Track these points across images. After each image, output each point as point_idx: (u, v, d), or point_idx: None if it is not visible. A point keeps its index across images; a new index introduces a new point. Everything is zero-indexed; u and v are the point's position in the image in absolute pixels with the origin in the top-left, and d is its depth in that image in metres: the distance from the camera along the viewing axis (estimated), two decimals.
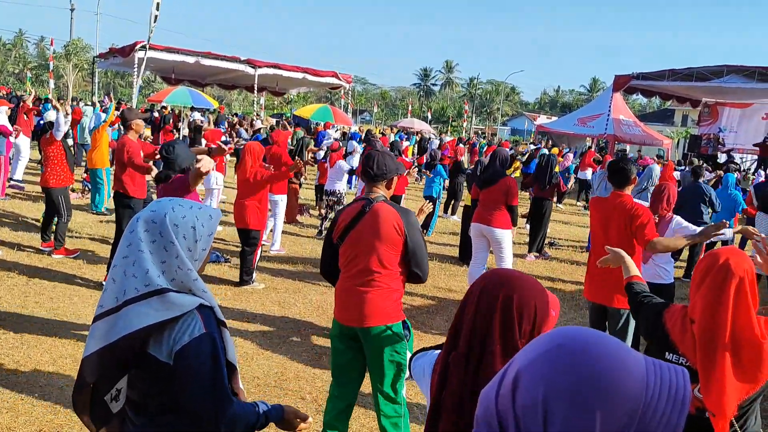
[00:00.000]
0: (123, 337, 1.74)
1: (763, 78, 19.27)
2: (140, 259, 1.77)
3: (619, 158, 4.99)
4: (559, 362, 0.86)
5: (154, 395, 1.83)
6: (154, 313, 1.74)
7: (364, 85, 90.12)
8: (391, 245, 3.33)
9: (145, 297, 1.75)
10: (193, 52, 23.32)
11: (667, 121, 49.52)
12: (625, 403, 0.83)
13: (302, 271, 8.01)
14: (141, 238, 1.80)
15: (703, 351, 2.27)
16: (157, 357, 1.77)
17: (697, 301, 2.33)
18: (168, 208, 1.84)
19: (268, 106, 44.14)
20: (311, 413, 4.29)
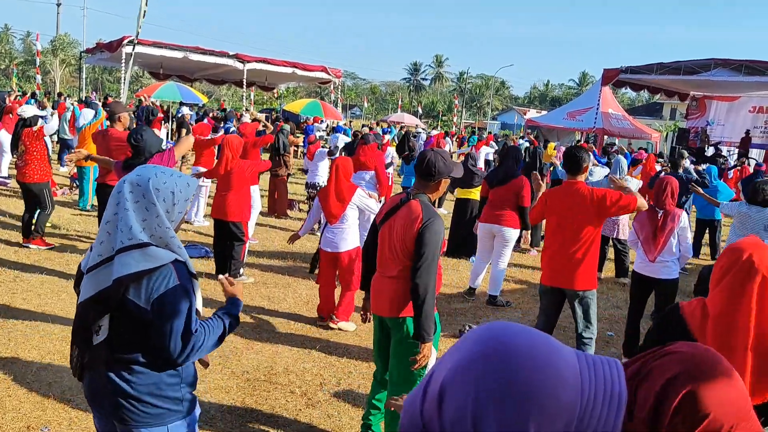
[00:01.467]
0: (114, 280, 2.04)
1: (750, 71, 19.40)
2: (126, 217, 2.07)
3: (574, 147, 5.10)
4: (486, 373, 0.79)
5: (129, 333, 2.12)
6: (135, 263, 2.04)
7: (354, 79, 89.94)
8: (407, 243, 3.37)
9: (129, 249, 2.06)
10: (181, 47, 23.17)
11: (655, 115, 49.76)
12: (561, 413, 0.78)
13: (292, 266, 8.00)
14: (127, 198, 2.09)
15: (720, 348, 2.11)
16: (136, 302, 2.06)
17: (716, 297, 2.22)
18: (152, 174, 2.14)
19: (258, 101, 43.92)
20: (301, 407, 4.30)
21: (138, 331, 2.11)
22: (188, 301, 2.12)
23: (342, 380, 4.78)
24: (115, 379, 2.13)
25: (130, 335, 2.11)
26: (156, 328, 2.08)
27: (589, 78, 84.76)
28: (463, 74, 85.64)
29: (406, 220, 3.37)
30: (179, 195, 2.17)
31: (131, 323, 2.10)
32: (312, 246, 9.18)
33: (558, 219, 4.75)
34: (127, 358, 2.13)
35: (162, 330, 2.07)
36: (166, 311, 2.07)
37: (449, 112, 59.25)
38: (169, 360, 2.12)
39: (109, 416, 2.19)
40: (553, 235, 4.80)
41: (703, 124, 24.92)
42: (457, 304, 6.97)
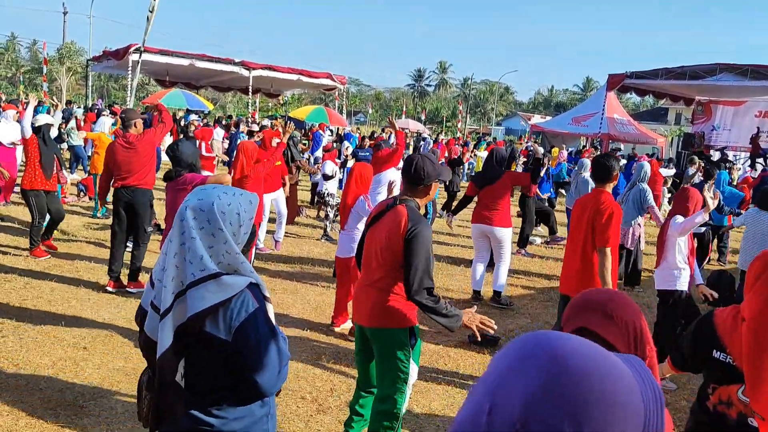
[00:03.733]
0: (190, 317, 1.90)
1: (756, 76, 19.35)
2: (194, 246, 1.92)
3: (603, 154, 5.01)
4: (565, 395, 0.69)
5: (211, 374, 1.98)
6: (211, 295, 1.90)
7: (358, 86, 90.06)
8: (393, 249, 3.27)
9: (202, 281, 1.91)
10: (187, 54, 23.30)
11: (660, 120, 49.71)
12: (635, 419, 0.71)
13: (300, 272, 8.01)
14: (192, 225, 1.93)
15: (752, 352, 2.18)
16: (216, 335, 1.91)
17: (751, 299, 2.25)
18: (214, 197, 1.97)
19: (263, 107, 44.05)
20: (312, 413, 4.30)
21: (219, 365, 1.97)
22: (270, 325, 2.00)
23: (352, 387, 4.75)
24: (205, 418, 1.99)
25: (210, 370, 1.97)
26: (243, 357, 1.93)
27: (593, 83, 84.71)
28: (467, 80, 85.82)
29: (392, 225, 3.27)
30: (244, 215, 2.01)
31: (210, 358, 1.96)
32: (319, 252, 9.20)
33: (577, 227, 4.68)
34: (213, 397, 2.00)
35: (250, 358, 1.93)
36: (250, 338, 1.93)
37: (453, 118, 59.27)
38: (262, 391, 1.97)
39: None
40: (571, 243, 4.77)
41: (709, 129, 24.86)
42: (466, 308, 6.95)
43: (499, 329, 6.31)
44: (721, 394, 2.34)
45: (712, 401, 2.37)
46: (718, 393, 2.35)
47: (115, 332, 5.46)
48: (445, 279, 8.21)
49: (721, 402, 2.34)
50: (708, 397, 2.39)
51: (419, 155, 3.44)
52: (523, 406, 0.68)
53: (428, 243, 3.25)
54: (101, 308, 6.06)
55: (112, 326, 5.60)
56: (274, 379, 1.97)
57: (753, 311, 2.22)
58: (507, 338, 6.12)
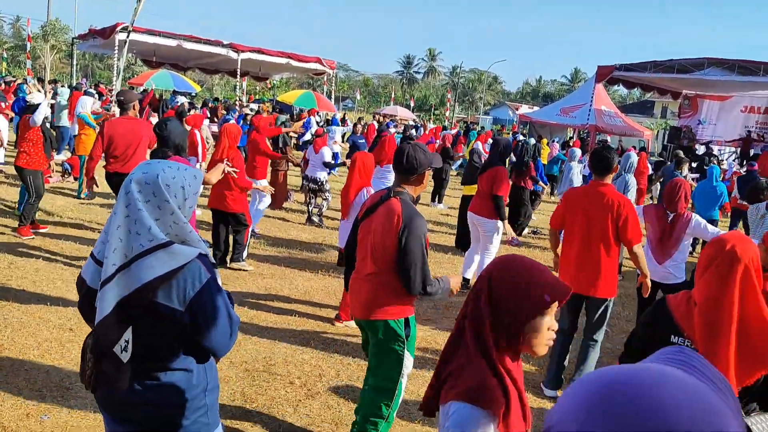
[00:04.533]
0: (137, 289, 1.92)
1: (743, 71, 19.52)
2: (141, 218, 1.95)
3: (602, 147, 4.97)
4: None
5: (166, 342, 2.02)
6: (161, 264, 1.93)
7: (347, 71, 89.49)
8: (387, 242, 3.25)
9: (151, 251, 1.94)
10: (175, 35, 22.98)
11: (646, 113, 49.99)
12: None
13: (288, 257, 7.99)
14: (137, 198, 1.96)
15: (706, 334, 2.28)
16: (168, 305, 1.96)
17: (702, 285, 2.35)
18: (159, 170, 2.02)
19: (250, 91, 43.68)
20: (301, 398, 4.30)
21: (172, 336, 2.01)
22: (221, 292, 2.07)
23: (341, 372, 4.79)
24: (144, 391, 2.04)
25: (160, 343, 2.02)
26: (199, 327, 2.00)
27: (581, 74, 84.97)
28: (456, 68, 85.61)
29: (385, 218, 3.25)
30: (189, 189, 2.06)
31: (163, 329, 1.99)
32: (307, 237, 9.17)
33: (578, 222, 4.54)
34: (157, 365, 2.04)
35: (207, 327, 2.00)
36: (207, 308, 2.00)
37: (442, 106, 59.22)
38: (215, 356, 2.11)
39: (138, 426, 2.10)
40: (572, 238, 4.59)
41: (695, 123, 25.07)
42: (453, 297, 6.98)
43: None
44: None
45: None
46: None
47: None
48: (434, 267, 8.23)
49: None
50: None
51: (409, 144, 3.40)
52: None
53: (423, 237, 3.23)
54: None
55: None
56: (227, 342, 2.07)
57: (704, 296, 2.32)
58: None
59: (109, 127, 6.67)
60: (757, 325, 2.26)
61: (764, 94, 23.11)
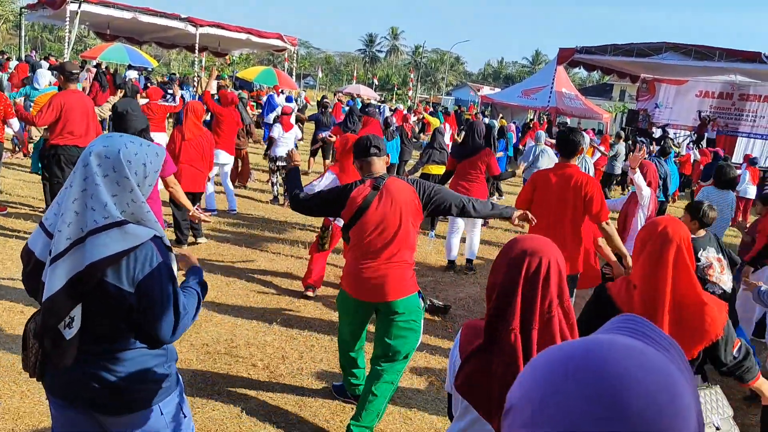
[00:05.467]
0: (89, 265, 1.84)
1: (699, 56, 19.91)
2: (97, 192, 1.86)
3: (569, 130, 5.06)
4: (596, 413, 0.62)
5: (111, 321, 1.95)
6: (114, 243, 1.86)
7: (308, 48, 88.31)
8: (414, 217, 3.46)
9: (105, 228, 1.86)
10: (130, 7, 22.17)
11: (605, 96, 50.78)
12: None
13: (250, 237, 7.85)
14: (95, 172, 1.87)
15: (645, 313, 2.34)
16: (116, 285, 1.89)
17: (638, 267, 2.44)
18: (121, 145, 1.93)
19: (208, 67, 42.70)
20: (263, 380, 4.23)
21: (118, 316, 1.95)
22: (173, 279, 2.00)
23: (304, 354, 4.73)
24: (96, 371, 1.98)
25: (108, 322, 1.96)
26: (144, 311, 1.93)
27: (542, 56, 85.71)
28: (418, 48, 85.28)
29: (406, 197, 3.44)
30: (150, 167, 1.98)
31: (109, 309, 1.93)
32: (270, 215, 9.03)
33: (547, 202, 4.63)
34: (107, 347, 1.98)
35: (152, 312, 1.93)
36: (155, 293, 1.93)
37: (404, 86, 59.01)
38: (160, 342, 2.00)
39: (88, 408, 2.03)
40: (542, 218, 4.58)
41: (653, 106, 25.55)
42: (420, 278, 6.98)
43: (450, 298, 6.38)
44: None
45: None
46: None
47: None
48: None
49: None
50: None
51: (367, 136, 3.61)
52: None
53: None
54: None
55: None
56: (170, 332, 1.97)
57: (641, 278, 2.42)
58: (457, 306, 6.17)
59: (61, 98, 6.39)
60: (691, 301, 2.35)
61: (719, 79, 23.68)
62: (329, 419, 3.86)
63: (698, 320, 2.34)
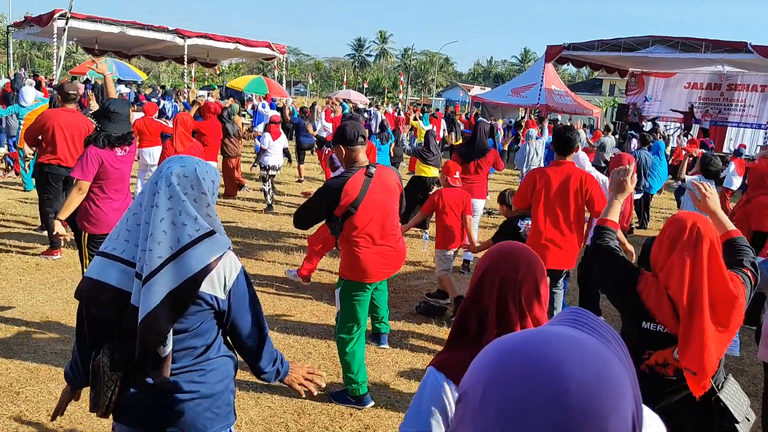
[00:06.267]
0: (187, 279, 1.91)
1: (686, 48, 20.01)
2: (186, 208, 1.96)
3: (565, 128, 5.14)
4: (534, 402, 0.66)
5: (205, 332, 2.04)
6: (207, 253, 1.96)
7: (297, 55, 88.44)
8: (399, 198, 4.01)
9: (198, 240, 1.96)
10: (118, 21, 22.20)
11: (595, 91, 51.02)
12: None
13: (245, 247, 7.86)
14: (178, 190, 1.96)
15: (684, 314, 2.32)
16: (211, 294, 1.99)
17: (671, 268, 2.37)
18: (194, 163, 2.04)
19: (198, 77, 42.72)
20: (262, 390, 4.25)
21: (209, 325, 2.04)
22: (251, 283, 2.14)
23: (302, 362, 4.74)
24: (186, 385, 2.02)
25: (200, 331, 2.03)
26: (239, 315, 2.06)
27: (531, 54, 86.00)
28: (407, 51, 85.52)
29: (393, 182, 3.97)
30: (216, 183, 2.12)
31: (203, 317, 2.01)
32: (264, 225, 9.04)
33: (546, 200, 4.70)
34: (200, 357, 2.06)
35: (247, 315, 2.07)
36: (247, 296, 2.08)
37: (395, 89, 59.12)
38: (257, 344, 2.11)
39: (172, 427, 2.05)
40: (540, 216, 4.74)
41: (642, 99, 25.66)
42: (413, 281, 7.02)
43: (447, 299, 6.40)
44: (657, 358, 2.48)
45: (648, 364, 2.50)
46: (654, 357, 2.49)
47: (52, 314, 5.22)
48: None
49: (658, 364, 2.48)
50: (642, 362, 2.51)
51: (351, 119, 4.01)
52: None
53: None
54: (34, 289, 5.78)
55: (48, 308, 5.36)
56: (264, 328, 2.13)
57: (676, 279, 2.35)
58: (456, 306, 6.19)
59: (47, 117, 6.42)
60: (724, 297, 2.32)
61: (706, 71, 23.80)
62: (328, 426, 3.88)
63: (732, 316, 2.33)
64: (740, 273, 2.47)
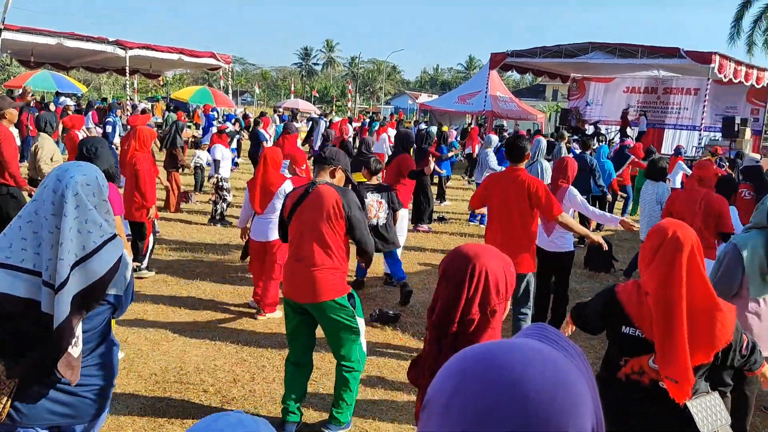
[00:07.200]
0: (94, 282, 2.06)
1: (623, 54, 20.71)
2: (92, 217, 2.08)
3: (516, 136, 5.33)
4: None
5: (103, 327, 2.24)
6: (111, 255, 2.12)
7: (243, 65, 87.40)
8: (332, 223, 3.64)
9: (103, 245, 2.10)
10: (54, 32, 21.52)
11: (539, 97, 52.22)
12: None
13: (193, 260, 7.71)
14: (84, 199, 2.08)
15: (661, 322, 2.34)
16: (114, 293, 2.19)
17: (651, 275, 2.41)
18: (94, 170, 2.18)
19: (141, 89, 41.77)
20: (216, 404, 4.18)
21: (106, 319, 2.25)
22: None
23: (256, 375, 4.68)
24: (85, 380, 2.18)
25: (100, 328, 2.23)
26: (125, 303, 2.30)
27: (476, 62, 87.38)
28: (354, 59, 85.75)
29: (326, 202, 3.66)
30: (105, 189, 2.24)
31: (104, 317, 2.22)
32: (212, 238, 8.90)
33: (498, 204, 4.85)
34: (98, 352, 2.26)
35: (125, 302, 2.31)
36: (131, 286, 2.31)
37: (343, 98, 59.18)
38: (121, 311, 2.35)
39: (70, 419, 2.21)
40: (496, 221, 4.89)
41: (584, 104, 26.39)
42: (369, 288, 7.02)
43: (400, 306, 6.43)
44: (633, 365, 2.52)
45: (624, 372, 2.54)
46: (630, 364, 2.53)
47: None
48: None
49: (634, 372, 2.51)
50: (619, 369, 2.55)
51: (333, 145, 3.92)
52: None
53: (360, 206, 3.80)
54: None
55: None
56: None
57: (655, 286, 2.39)
58: (407, 314, 6.23)
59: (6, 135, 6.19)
60: (705, 305, 2.34)
61: (643, 75, 24.69)
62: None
63: (710, 327, 2.33)
64: None
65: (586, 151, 9.58)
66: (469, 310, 1.64)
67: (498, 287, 1.67)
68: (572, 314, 2.95)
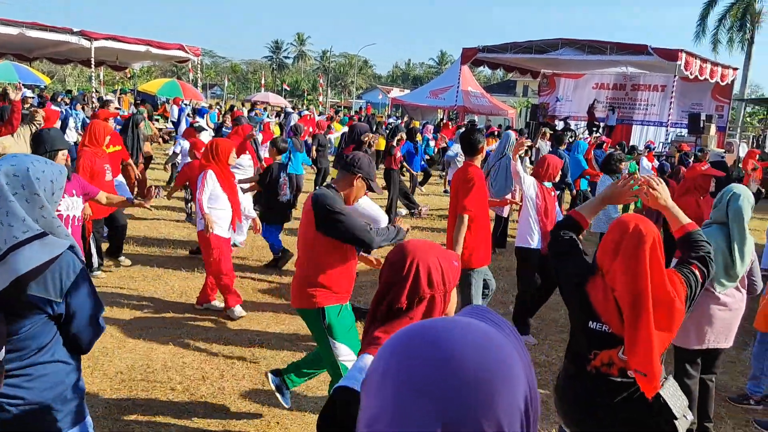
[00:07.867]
0: (14, 281, 1.87)
1: (592, 50, 20.94)
2: (13, 209, 1.92)
3: (469, 130, 5.26)
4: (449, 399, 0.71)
5: (36, 335, 1.98)
6: (37, 255, 1.91)
7: (213, 58, 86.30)
8: (309, 229, 3.39)
9: (27, 242, 1.91)
10: (16, 22, 20.87)
11: (510, 92, 52.62)
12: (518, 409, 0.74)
13: (161, 256, 7.57)
14: (6, 190, 1.93)
15: (628, 315, 2.36)
16: (43, 296, 1.93)
17: (616, 269, 2.42)
18: (28, 162, 2.00)
19: (108, 81, 40.92)
20: (184, 404, 4.10)
21: (42, 329, 1.98)
22: (92, 284, 2.10)
23: (225, 372, 4.61)
24: (10, 390, 1.97)
25: (30, 333, 1.97)
26: (74, 317, 2.03)
27: (448, 57, 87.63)
28: (326, 53, 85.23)
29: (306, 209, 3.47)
30: (56, 184, 2.06)
31: (34, 321, 1.95)
32: (181, 234, 8.76)
33: (452, 198, 4.93)
34: (28, 361, 1.99)
35: (81, 317, 2.04)
36: (81, 298, 2.03)
37: (314, 91, 58.81)
38: (83, 348, 2.12)
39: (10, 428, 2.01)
40: (450, 216, 4.96)
41: (554, 100, 26.66)
42: None
43: (362, 300, 6.41)
44: (602, 357, 2.53)
45: (594, 365, 2.55)
46: (599, 357, 2.54)
47: None
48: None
49: (603, 364, 2.53)
50: (589, 362, 2.56)
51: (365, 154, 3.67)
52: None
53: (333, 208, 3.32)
54: None
55: None
56: (94, 332, 2.12)
57: (621, 282, 2.41)
58: None
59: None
60: (663, 296, 2.37)
61: (612, 72, 25.01)
62: None
63: (669, 316, 2.37)
64: (685, 271, 2.48)
65: (560, 147, 9.64)
66: (398, 298, 1.69)
67: (430, 279, 1.69)
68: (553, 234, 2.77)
